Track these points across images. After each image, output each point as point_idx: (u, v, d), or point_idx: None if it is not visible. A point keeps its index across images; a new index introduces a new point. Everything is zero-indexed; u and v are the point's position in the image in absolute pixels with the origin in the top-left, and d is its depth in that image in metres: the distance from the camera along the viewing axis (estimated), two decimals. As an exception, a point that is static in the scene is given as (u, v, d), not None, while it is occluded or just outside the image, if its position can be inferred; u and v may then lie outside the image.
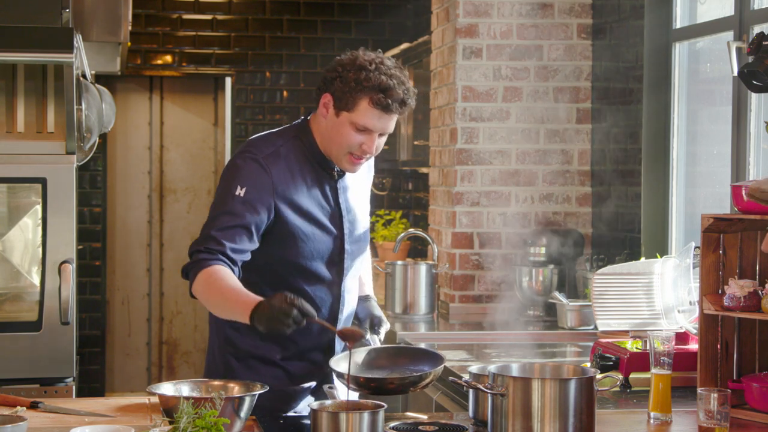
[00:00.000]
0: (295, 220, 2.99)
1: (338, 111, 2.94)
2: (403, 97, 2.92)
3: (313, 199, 3.03)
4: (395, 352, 3.02)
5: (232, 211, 2.92)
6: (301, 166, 3.02)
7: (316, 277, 3.05)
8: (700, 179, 4.62)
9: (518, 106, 5.15)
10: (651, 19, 4.66)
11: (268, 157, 2.98)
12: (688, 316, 3.52)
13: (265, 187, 2.94)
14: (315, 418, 2.50)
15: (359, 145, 2.94)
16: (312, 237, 3.02)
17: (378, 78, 2.90)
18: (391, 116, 2.93)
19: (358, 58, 2.95)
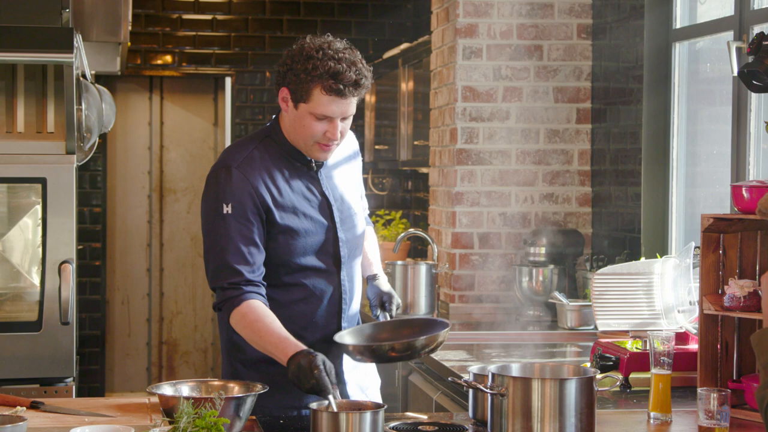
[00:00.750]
0: (284, 220, 2.99)
1: (296, 103, 2.94)
2: (356, 78, 2.88)
3: (298, 194, 3.02)
4: (399, 324, 3.06)
5: (228, 233, 2.95)
6: (278, 164, 3.02)
7: (313, 270, 3.05)
8: (700, 179, 4.62)
9: (518, 106, 5.15)
10: (651, 19, 4.66)
11: (243, 164, 2.98)
12: (688, 316, 3.52)
13: (248, 195, 2.95)
14: (315, 418, 2.50)
15: (323, 133, 2.94)
16: (304, 232, 3.01)
17: (326, 64, 2.87)
18: (347, 99, 2.90)
19: (305, 47, 2.92)
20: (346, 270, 3.11)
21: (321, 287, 3.07)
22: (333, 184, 3.10)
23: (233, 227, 2.95)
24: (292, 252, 3.02)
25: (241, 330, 2.93)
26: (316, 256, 3.05)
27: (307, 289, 3.05)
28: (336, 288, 3.09)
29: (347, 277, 3.11)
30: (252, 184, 2.96)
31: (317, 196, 3.05)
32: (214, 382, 2.83)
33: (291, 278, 3.05)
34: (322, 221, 3.05)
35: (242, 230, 2.95)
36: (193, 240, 7.88)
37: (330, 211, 3.06)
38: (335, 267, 3.08)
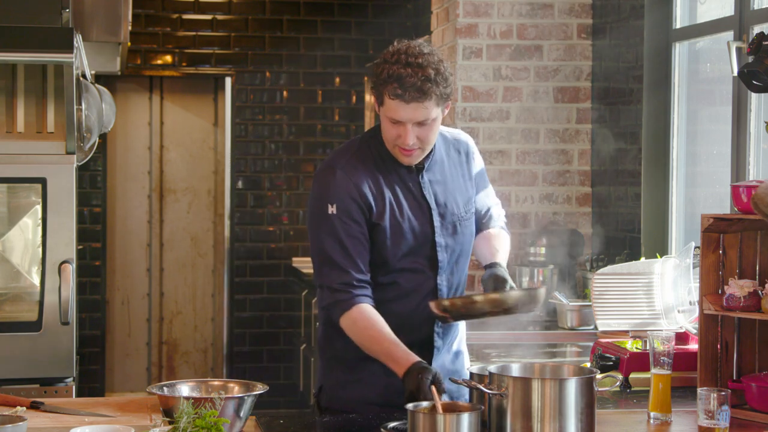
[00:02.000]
0: (383, 221, 3.01)
1: (378, 107, 2.96)
2: (420, 84, 2.84)
3: (398, 196, 3.03)
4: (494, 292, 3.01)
5: (335, 233, 2.96)
6: (381, 165, 3.03)
7: (410, 271, 3.05)
8: (700, 179, 4.62)
9: (518, 106, 5.15)
10: (651, 19, 4.66)
11: (347, 165, 3.01)
12: (688, 316, 3.52)
13: (352, 195, 2.98)
14: (413, 419, 2.50)
15: (397, 137, 2.94)
16: (401, 234, 3.02)
17: (391, 68, 2.86)
18: (413, 105, 2.87)
19: (387, 52, 2.93)
20: (445, 275, 3.09)
21: (416, 288, 3.06)
22: (436, 188, 3.08)
23: (339, 227, 2.97)
24: (389, 253, 3.03)
25: (353, 335, 2.96)
26: (413, 258, 3.05)
27: (401, 289, 3.06)
28: (432, 291, 3.08)
29: (446, 282, 3.10)
30: (355, 184, 2.98)
31: (417, 200, 3.05)
32: (214, 382, 2.83)
33: (387, 278, 3.05)
34: (420, 224, 3.04)
35: (348, 230, 2.97)
36: (193, 240, 7.88)
37: (429, 214, 3.05)
38: (432, 271, 3.07)
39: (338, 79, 7.56)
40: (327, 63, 7.56)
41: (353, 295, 2.95)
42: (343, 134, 7.57)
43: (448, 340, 3.16)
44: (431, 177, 3.08)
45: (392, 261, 3.04)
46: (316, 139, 7.57)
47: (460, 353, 3.22)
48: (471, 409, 2.53)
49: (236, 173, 7.54)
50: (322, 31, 7.54)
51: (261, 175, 7.55)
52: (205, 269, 7.90)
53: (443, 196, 3.09)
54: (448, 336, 3.15)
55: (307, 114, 7.57)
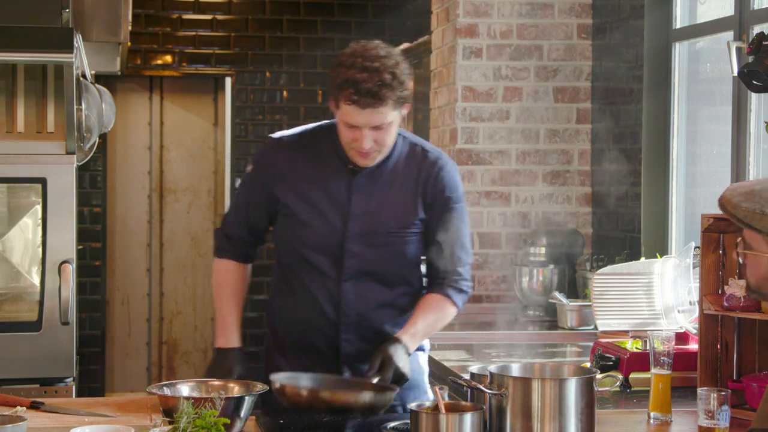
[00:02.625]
0: (294, 204, 3.01)
1: (335, 109, 2.94)
2: (375, 89, 2.79)
3: (322, 189, 3.00)
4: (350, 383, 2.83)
5: (243, 189, 3.14)
6: (322, 157, 3.02)
7: (315, 268, 3.02)
8: (700, 179, 4.62)
9: (518, 106, 5.15)
10: (651, 19, 4.66)
11: (283, 139, 3.07)
12: (688, 316, 3.52)
13: (268, 165, 3.05)
14: (416, 419, 2.50)
15: (353, 141, 2.91)
16: (311, 225, 3.00)
17: (347, 73, 2.82)
18: (368, 110, 2.83)
19: (343, 54, 2.89)
20: (354, 285, 3.03)
21: (317, 290, 3.04)
22: (371, 194, 3.01)
23: (247, 186, 3.13)
24: (294, 241, 3.04)
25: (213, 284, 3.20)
26: (320, 256, 3.02)
27: (306, 289, 3.05)
28: (334, 297, 3.03)
29: (353, 293, 3.03)
30: (276, 158, 3.05)
31: (341, 200, 3.00)
32: (214, 382, 2.83)
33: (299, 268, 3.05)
34: (333, 223, 3.00)
35: (249, 194, 3.11)
36: (193, 240, 7.88)
37: (347, 218, 3.00)
38: (337, 275, 3.02)
39: (338, 79, 7.55)
40: (327, 63, 7.54)
41: (224, 247, 3.15)
42: (343, 134, 7.56)
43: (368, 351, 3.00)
44: (369, 183, 3.01)
45: (298, 251, 3.03)
46: (316, 139, 7.56)
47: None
48: (473, 409, 2.53)
49: (236, 173, 7.54)
50: (322, 31, 7.54)
51: (261, 175, 7.55)
52: (205, 269, 7.90)
53: (376, 205, 3.01)
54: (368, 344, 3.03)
55: (307, 114, 7.57)
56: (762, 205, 2.44)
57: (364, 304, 3.04)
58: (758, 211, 2.44)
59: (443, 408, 2.53)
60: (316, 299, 3.04)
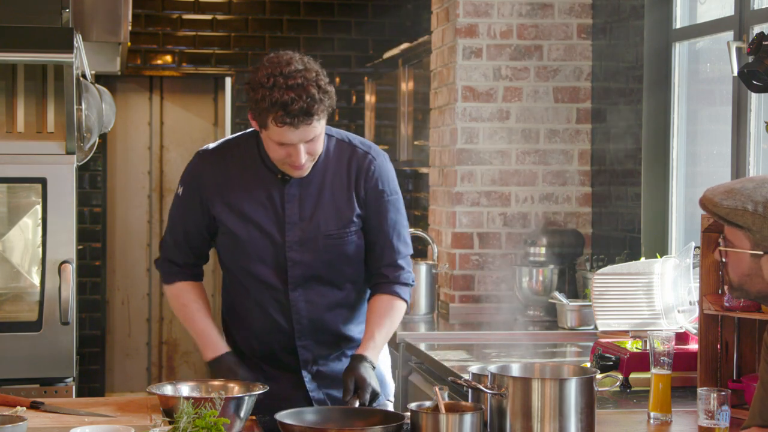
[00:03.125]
0: (230, 220, 2.98)
1: (259, 128, 2.87)
2: (306, 107, 2.75)
3: (255, 201, 2.96)
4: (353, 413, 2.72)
5: (177, 214, 3.08)
6: (249, 166, 2.98)
7: (261, 281, 3.00)
8: (700, 179, 4.62)
9: (518, 106, 5.15)
10: (651, 19, 4.66)
11: (210, 154, 3.03)
12: (688, 316, 3.52)
13: (198, 184, 3.01)
14: (416, 419, 2.51)
15: (287, 156, 2.86)
16: (249, 240, 2.96)
17: (273, 96, 2.75)
18: (301, 128, 2.79)
19: (258, 75, 2.81)
20: (302, 292, 3.00)
21: (268, 301, 3.01)
22: (304, 201, 2.97)
23: (181, 210, 3.07)
24: (236, 256, 3.01)
25: (174, 308, 3.15)
26: (264, 268, 2.99)
27: (255, 301, 3.03)
28: (284, 306, 3.00)
29: (303, 299, 3.00)
30: (205, 175, 3.00)
31: (276, 210, 2.96)
32: (214, 382, 2.83)
33: (240, 287, 3.05)
34: (271, 234, 2.96)
35: (186, 216, 3.05)
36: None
37: (283, 228, 2.96)
38: (283, 286, 2.99)
39: (338, 79, 7.56)
40: (327, 63, 7.48)
41: (174, 272, 3.10)
42: (343, 134, 7.56)
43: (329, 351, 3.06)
44: (301, 189, 2.97)
45: (241, 264, 3.01)
46: (316, 139, 7.56)
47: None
48: (473, 409, 2.53)
49: (236, 173, 7.54)
50: (322, 31, 7.54)
51: (261, 175, 7.55)
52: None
53: (311, 210, 2.97)
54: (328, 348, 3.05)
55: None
56: (743, 201, 2.48)
57: (315, 310, 3.02)
58: (740, 207, 2.48)
59: (443, 408, 2.53)
60: (267, 311, 3.02)
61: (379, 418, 2.60)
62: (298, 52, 2.94)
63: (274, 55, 2.87)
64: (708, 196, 2.55)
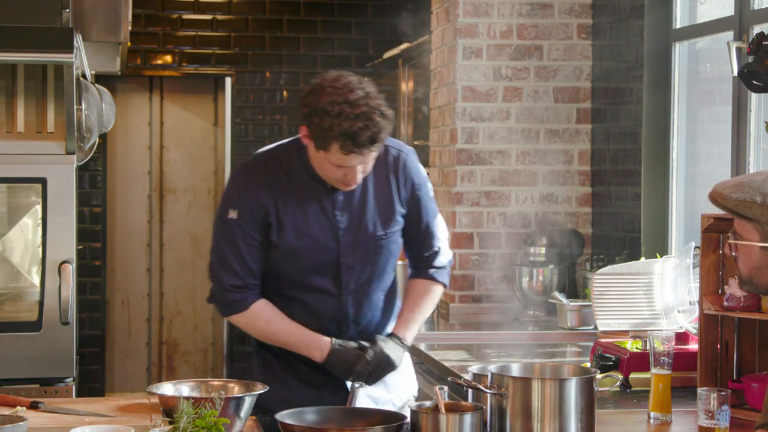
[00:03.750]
0: (283, 235, 3.00)
1: (317, 149, 2.90)
2: (372, 136, 2.82)
3: (307, 212, 3.00)
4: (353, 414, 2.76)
5: (232, 237, 3.00)
6: (295, 178, 3.01)
7: (315, 289, 3.05)
8: (700, 179, 4.62)
9: (518, 106, 5.15)
10: (651, 19, 4.66)
11: (259, 173, 3.01)
12: (688, 316, 3.52)
13: (252, 207, 2.99)
14: (416, 419, 2.51)
15: (343, 176, 2.92)
16: (303, 251, 3.00)
17: (341, 126, 2.80)
18: (365, 153, 2.85)
19: (321, 99, 2.83)
20: (353, 297, 3.07)
21: (320, 307, 3.06)
22: (353, 207, 3.04)
23: (237, 233, 3.00)
24: (290, 268, 3.04)
25: (253, 331, 3.07)
26: (318, 276, 3.04)
27: (305, 306, 3.06)
28: (337, 311, 3.07)
29: (352, 303, 3.08)
30: (258, 196, 2.99)
31: (327, 218, 3.02)
32: (214, 382, 2.83)
33: (291, 292, 3.06)
34: (325, 243, 3.02)
35: (245, 238, 3.00)
36: (193, 240, 7.88)
37: (336, 235, 3.02)
38: (337, 290, 3.05)
39: (338, 79, 7.55)
40: (327, 63, 7.55)
41: (247, 296, 3.02)
42: (343, 134, 7.56)
43: None
44: (348, 196, 3.03)
45: (294, 276, 3.04)
46: (316, 139, 7.56)
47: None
48: (473, 409, 2.54)
49: (236, 173, 7.53)
50: (322, 31, 7.54)
51: (261, 175, 7.54)
52: (205, 269, 7.90)
53: (359, 215, 3.04)
54: None
55: (303, 122, 7.56)
56: (751, 194, 2.54)
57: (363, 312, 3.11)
58: (749, 199, 2.54)
59: (443, 408, 2.53)
60: (318, 317, 3.07)
61: (379, 418, 2.60)
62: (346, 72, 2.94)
63: (332, 78, 2.88)
64: (717, 189, 2.61)
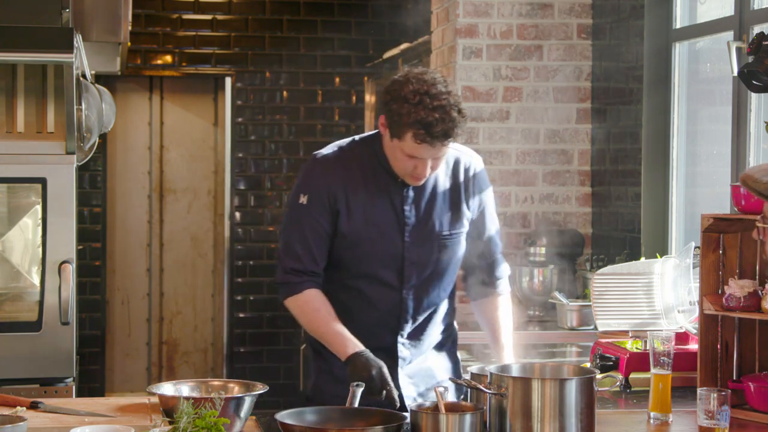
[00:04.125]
0: (351, 224, 3.05)
1: (391, 137, 2.97)
2: (447, 130, 2.89)
3: (376, 203, 3.06)
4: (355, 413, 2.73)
5: (300, 222, 3.07)
6: (367, 168, 3.07)
7: (377, 280, 3.09)
8: (700, 179, 4.62)
9: (518, 106, 5.15)
10: (651, 19, 4.66)
11: (331, 163, 3.08)
12: (688, 316, 3.52)
13: (323, 194, 3.05)
14: (415, 419, 2.52)
15: (413, 168, 2.98)
16: (369, 241, 3.06)
17: (418, 114, 2.88)
18: (437, 146, 2.92)
19: (404, 88, 2.92)
20: (414, 292, 3.11)
21: (380, 299, 3.10)
22: (421, 203, 3.09)
23: (304, 218, 3.07)
24: (354, 258, 3.08)
25: (300, 315, 3.10)
26: (382, 268, 3.08)
27: (366, 298, 3.10)
28: (397, 304, 3.11)
29: (413, 298, 3.12)
30: (329, 184, 3.05)
31: (396, 212, 3.07)
32: (214, 382, 2.83)
33: (354, 282, 3.10)
34: (392, 237, 3.07)
35: (312, 224, 3.06)
36: (193, 240, 7.88)
37: (402, 229, 3.07)
38: (398, 283, 3.10)
39: (338, 79, 7.56)
40: (327, 63, 7.55)
41: (303, 280, 3.07)
42: (343, 134, 7.56)
43: (420, 350, 3.18)
44: (418, 192, 3.09)
45: (359, 267, 3.09)
46: (316, 139, 7.57)
47: (441, 365, 3.22)
48: (473, 410, 2.54)
49: (236, 173, 7.54)
50: (322, 31, 7.54)
51: (261, 175, 7.55)
52: (205, 269, 7.90)
53: (427, 212, 3.10)
54: (418, 347, 3.17)
55: (307, 114, 7.57)
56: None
57: (422, 308, 3.15)
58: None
59: (443, 408, 2.53)
60: (378, 309, 3.11)
61: (379, 418, 2.60)
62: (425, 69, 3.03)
63: (418, 72, 2.98)
64: (748, 173, 2.66)
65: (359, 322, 3.09)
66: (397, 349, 3.13)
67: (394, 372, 3.09)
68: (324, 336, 3.05)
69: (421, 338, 3.18)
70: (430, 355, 3.21)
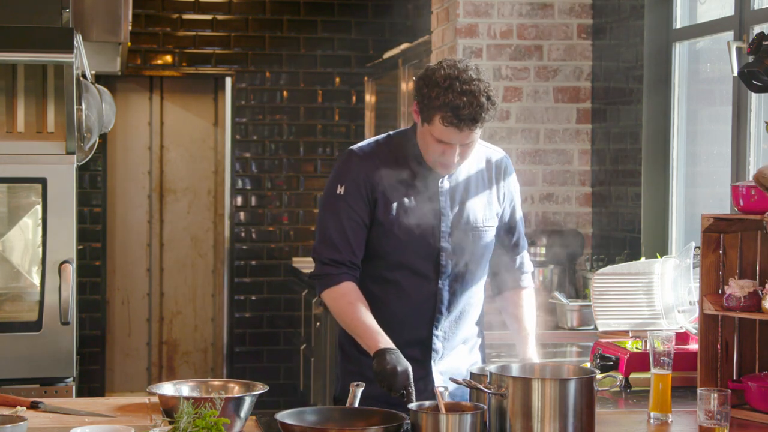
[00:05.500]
0: (388, 213, 3.07)
1: (422, 122, 3.01)
2: (474, 114, 2.92)
3: (413, 194, 3.09)
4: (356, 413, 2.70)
5: (337, 212, 3.09)
6: (404, 159, 3.10)
7: (413, 271, 3.11)
8: (700, 179, 4.62)
9: (518, 106, 5.15)
10: (651, 19, 4.66)
11: (368, 154, 3.11)
12: (688, 316, 3.52)
13: (360, 184, 3.08)
14: (416, 418, 2.52)
15: (441, 154, 3.01)
16: (406, 230, 3.08)
17: (447, 97, 2.92)
18: (465, 131, 2.95)
19: (436, 73, 2.96)
20: (449, 282, 3.14)
21: (416, 290, 3.12)
22: (455, 194, 3.13)
23: (342, 209, 3.08)
24: (391, 249, 3.10)
25: (334, 308, 3.10)
26: (418, 259, 3.10)
27: (402, 290, 3.12)
28: (432, 296, 3.13)
29: (448, 289, 3.15)
30: (367, 174, 3.08)
31: (431, 202, 3.10)
32: (214, 382, 2.83)
33: (390, 274, 3.12)
34: (428, 227, 3.09)
35: (350, 214, 3.08)
36: (193, 240, 7.88)
37: (439, 220, 3.10)
38: (434, 274, 3.12)
39: (338, 79, 7.56)
40: (327, 63, 7.55)
41: (341, 272, 3.08)
42: (343, 134, 7.57)
43: (452, 344, 3.20)
44: (453, 183, 3.13)
45: (394, 257, 3.11)
46: (316, 139, 7.57)
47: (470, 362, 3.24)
48: (473, 409, 2.54)
49: (236, 173, 7.54)
50: (322, 31, 7.54)
51: (261, 175, 7.55)
52: (205, 269, 7.90)
53: (462, 204, 3.14)
54: (451, 340, 3.19)
55: (307, 114, 7.57)
56: None
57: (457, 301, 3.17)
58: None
59: (443, 408, 2.53)
60: (413, 300, 3.13)
61: (379, 418, 2.60)
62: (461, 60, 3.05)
63: (453, 60, 3.02)
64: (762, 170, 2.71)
65: (394, 314, 3.11)
66: (432, 342, 3.14)
67: (427, 365, 3.12)
68: (356, 329, 3.05)
69: (455, 332, 3.19)
70: (461, 351, 3.23)
